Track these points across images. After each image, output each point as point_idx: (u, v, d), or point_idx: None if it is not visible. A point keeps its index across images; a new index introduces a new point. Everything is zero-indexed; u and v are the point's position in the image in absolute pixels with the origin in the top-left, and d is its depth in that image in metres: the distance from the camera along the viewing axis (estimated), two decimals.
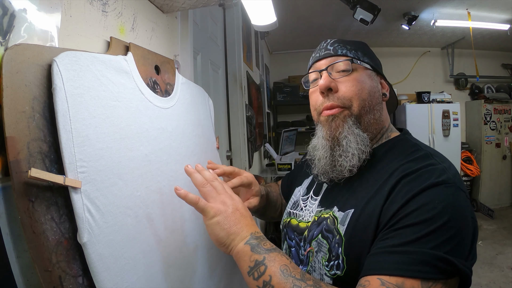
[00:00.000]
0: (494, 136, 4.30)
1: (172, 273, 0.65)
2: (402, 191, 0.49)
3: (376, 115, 0.62)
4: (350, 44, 0.64)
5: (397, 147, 0.61)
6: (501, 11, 3.05)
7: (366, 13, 1.29)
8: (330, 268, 0.53)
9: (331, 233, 0.56)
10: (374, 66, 0.64)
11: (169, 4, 0.88)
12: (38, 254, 0.41)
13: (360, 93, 0.59)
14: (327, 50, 0.63)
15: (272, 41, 4.18)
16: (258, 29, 1.05)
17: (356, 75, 0.60)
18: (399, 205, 0.48)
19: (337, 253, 0.53)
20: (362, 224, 0.52)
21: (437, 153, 0.57)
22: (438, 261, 0.42)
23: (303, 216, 0.67)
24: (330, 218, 0.58)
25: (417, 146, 0.60)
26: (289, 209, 0.73)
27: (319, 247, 0.57)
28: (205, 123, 0.96)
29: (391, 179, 0.53)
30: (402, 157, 0.57)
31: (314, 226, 0.61)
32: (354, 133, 0.59)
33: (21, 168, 0.41)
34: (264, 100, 3.37)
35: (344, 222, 0.54)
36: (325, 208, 0.62)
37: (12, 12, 0.43)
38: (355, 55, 0.62)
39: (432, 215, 0.44)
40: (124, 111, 0.60)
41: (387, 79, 0.68)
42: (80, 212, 0.46)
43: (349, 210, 0.55)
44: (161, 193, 0.67)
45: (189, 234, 0.74)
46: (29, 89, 0.44)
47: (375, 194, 0.53)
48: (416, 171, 0.51)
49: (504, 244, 3.15)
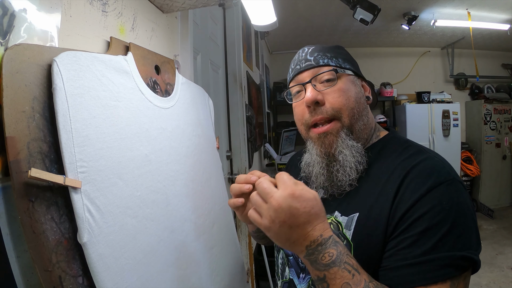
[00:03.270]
0: (494, 136, 4.29)
1: (172, 273, 0.65)
2: (408, 190, 0.49)
3: (365, 120, 0.61)
4: (329, 52, 0.62)
5: (390, 145, 0.61)
6: (501, 11, 3.05)
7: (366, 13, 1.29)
8: None
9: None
10: (355, 71, 0.63)
11: (169, 4, 0.88)
12: (38, 254, 0.41)
13: (348, 103, 0.58)
14: (308, 61, 0.61)
15: (272, 41, 4.18)
16: (258, 29, 1.05)
17: (341, 84, 0.59)
18: (408, 206, 0.48)
19: None
20: (370, 227, 0.51)
21: (427, 148, 0.58)
22: (457, 260, 0.44)
23: None
24: (333, 223, 0.56)
25: (408, 142, 0.61)
26: None
27: None
28: (205, 123, 0.96)
29: (393, 178, 0.53)
30: (397, 155, 0.57)
31: None
32: (348, 146, 0.58)
33: (21, 168, 0.41)
34: (264, 100, 3.37)
35: (349, 226, 0.54)
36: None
37: (12, 12, 0.43)
38: (337, 63, 0.60)
39: (443, 217, 0.46)
40: (124, 111, 0.60)
41: (366, 79, 0.66)
42: (80, 212, 0.46)
43: (353, 214, 0.54)
44: (161, 193, 0.67)
45: (189, 234, 0.74)
46: (29, 89, 0.44)
47: (379, 196, 0.53)
48: (417, 166, 0.52)
49: (504, 244, 3.15)
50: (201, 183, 0.85)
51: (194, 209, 0.79)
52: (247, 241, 1.88)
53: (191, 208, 0.78)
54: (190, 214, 0.77)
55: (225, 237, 0.94)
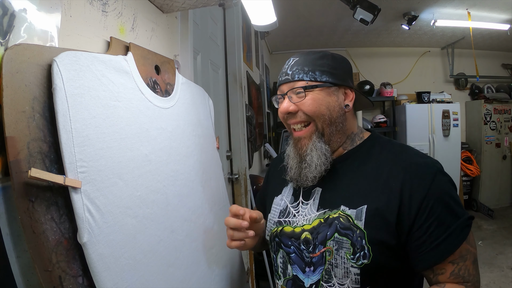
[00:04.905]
0: (494, 136, 4.29)
1: (172, 273, 0.65)
2: (415, 187, 0.60)
3: (339, 127, 0.69)
4: (308, 65, 0.69)
5: (377, 144, 0.71)
6: (501, 11, 3.05)
7: (366, 13, 1.29)
8: (357, 260, 0.60)
9: (349, 229, 0.62)
10: (334, 81, 0.68)
11: (169, 4, 0.88)
12: (38, 254, 0.41)
13: (319, 110, 0.67)
14: (286, 75, 0.70)
15: (272, 41, 4.18)
16: (258, 29, 1.05)
17: (313, 96, 0.67)
18: (420, 199, 0.59)
19: (361, 245, 0.60)
20: (380, 216, 0.60)
21: (406, 145, 0.71)
22: (467, 221, 0.60)
23: (297, 222, 0.70)
24: (342, 217, 0.63)
25: (390, 140, 0.72)
26: (277, 218, 0.75)
27: (338, 244, 0.62)
28: (205, 123, 0.96)
29: (394, 174, 0.63)
30: (387, 152, 0.68)
31: (324, 227, 0.65)
32: (316, 148, 0.68)
33: (21, 168, 0.41)
34: (264, 100, 3.37)
35: (360, 217, 0.62)
36: (329, 209, 0.66)
37: (12, 12, 0.43)
38: (312, 77, 0.68)
39: (448, 199, 0.60)
40: (124, 111, 0.60)
41: (352, 86, 0.72)
42: (80, 212, 0.46)
43: (362, 206, 0.62)
44: (161, 193, 0.67)
45: (189, 234, 0.75)
46: (29, 89, 0.44)
47: (383, 190, 0.62)
48: (413, 165, 0.63)
49: (504, 244, 3.15)
50: (201, 183, 0.85)
51: (194, 209, 0.79)
52: None
53: (191, 208, 0.78)
54: (190, 214, 0.77)
55: (225, 237, 0.94)
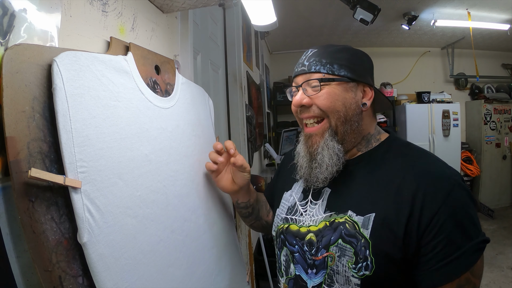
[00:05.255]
0: (494, 136, 4.30)
1: (172, 273, 0.65)
2: (428, 199, 0.55)
3: (354, 126, 0.65)
4: (327, 57, 0.64)
5: (393, 148, 0.66)
6: (501, 11, 3.05)
7: (366, 13, 1.29)
8: (358, 270, 0.57)
9: (354, 237, 0.58)
10: (353, 77, 0.64)
11: (169, 4, 0.88)
12: (38, 254, 0.41)
13: (333, 106, 0.63)
14: (303, 66, 0.66)
15: (272, 41, 4.18)
16: (258, 29, 1.05)
17: (329, 90, 0.63)
18: (432, 213, 0.54)
19: (364, 255, 0.56)
20: (388, 227, 0.56)
21: (426, 150, 0.66)
22: (480, 244, 0.54)
23: (304, 221, 0.68)
24: (348, 222, 0.60)
25: (410, 145, 0.67)
26: (284, 215, 0.73)
27: (341, 251, 0.59)
28: (205, 123, 0.96)
29: (407, 184, 0.57)
30: (403, 159, 0.62)
31: (328, 231, 0.62)
32: (328, 147, 0.63)
33: (21, 168, 0.41)
34: (264, 100, 3.37)
35: (366, 226, 0.57)
36: (336, 213, 0.63)
37: (12, 12, 0.43)
38: (329, 70, 0.63)
39: (461, 217, 0.54)
40: (124, 111, 0.60)
41: (372, 84, 0.68)
42: (80, 212, 0.46)
43: (370, 214, 0.58)
44: (161, 193, 0.67)
45: (189, 234, 0.74)
46: (29, 89, 0.44)
47: (394, 199, 0.57)
48: (429, 174, 0.57)
49: (504, 244, 3.15)
50: (201, 183, 0.85)
51: (194, 209, 0.79)
52: (247, 241, 1.88)
53: (191, 208, 0.78)
54: (190, 214, 0.77)
55: (225, 237, 0.94)
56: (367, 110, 0.67)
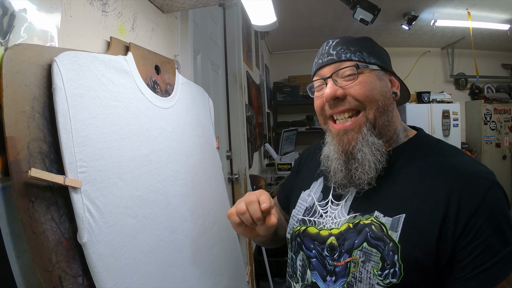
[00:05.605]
0: (494, 136, 4.29)
1: (172, 273, 0.65)
2: (465, 199, 0.50)
3: (389, 117, 0.60)
4: (354, 45, 0.60)
5: (424, 145, 0.61)
6: (501, 11, 3.05)
7: (366, 13, 1.29)
8: (384, 277, 0.51)
9: (381, 240, 0.52)
10: (382, 65, 0.60)
11: (169, 4, 0.88)
12: (38, 254, 0.41)
13: (372, 94, 0.57)
14: (330, 56, 0.60)
15: (272, 41, 4.18)
16: (258, 29, 1.05)
17: (363, 78, 0.57)
18: (469, 214, 0.49)
19: (392, 261, 0.51)
20: (420, 229, 0.51)
21: (458, 148, 0.60)
22: None
23: (324, 223, 0.61)
24: (374, 224, 0.54)
25: (441, 142, 0.61)
26: (301, 216, 0.67)
27: (366, 256, 0.53)
28: (205, 123, 0.96)
29: (441, 182, 0.52)
30: (436, 156, 0.57)
31: (352, 234, 0.56)
32: (368, 143, 0.57)
33: (21, 168, 0.41)
34: (264, 100, 3.37)
35: (395, 228, 0.52)
36: (361, 214, 0.57)
37: (12, 12, 0.43)
38: (361, 58, 0.58)
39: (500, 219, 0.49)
40: (124, 111, 0.60)
41: (396, 74, 0.64)
42: (80, 212, 0.46)
43: (399, 215, 0.53)
44: (161, 193, 0.67)
45: (189, 234, 0.74)
46: (29, 89, 0.44)
47: (426, 198, 0.52)
48: (466, 173, 0.53)
49: None
50: (201, 183, 0.85)
51: (194, 209, 0.79)
52: (247, 241, 1.88)
53: (191, 208, 0.78)
54: (190, 214, 0.77)
55: (225, 237, 0.94)
56: (396, 99, 0.62)
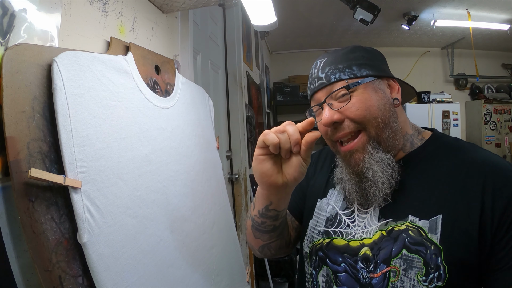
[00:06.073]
0: (494, 136, 4.30)
1: (172, 273, 0.65)
2: (497, 191, 0.50)
3: (394, 127, 0.58)
4: (342, 62, 0.59)
5: (445, 144, 0.60)
6: (501, 11, 3.05)
7: (366, 13, 1.29)
8: (430, 282, 0.50)
9: (422, 245, 0.52)
10: (376, 74, 0.59)
11: (169, 4, 0.88)
12: (38, 254, 0.41)
13: (370, 113, 0.56)
14: (320, 80, 0.59)
15: (272, 41, 4.18)
16: (258, 29, 1.05)
17: (358, 96, 0.56)
18: (503, 205, 0.49)
19: (436, 264, 0.50)
20: (460, 228, 0.50)
21: (475, 144, 0.61)
22: None
23: (354, 234, 0.59)
24: (412, 229, 0.53)
25: (458, 140, 0.61)
26: (323, 228, 0.63)
27: (408, 264, 0.52)
28: (205, 123, 0.96)
29: (472, 176, 0.52)
30: (458, 152, 0.57)
31: (387, 242, 0.54)
32: (377, 160, 0.56)
33: (21, 168, 0.41)
34: (264, 100, 3.37)
35: (434, 230, 0.51)
36: (394, 219, 0.56)
37: (12, 12, 0.43)
38: (351, 74, 0.57)
39: None
40: (124, 111, 0.60)
41: (393, 77, 0.62)
42: (80, 212, 0.46)
43: (436, 216, 0.52)
44: (161, 193, 0.67)
45: (189, 234, 0.74)
46: (29, 89, 0.44)
47: (461, 195, 0.52)
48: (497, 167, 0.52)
49: None
50: (201, 183, 0.85)
51: (194, 209, 0.79)
52: (247, 241, 1.88)
53: (191, 208, 0.78)
54: (190, 214, 0.77)
55: (225, 237, 0.94)
56: (399, 106, 0.61)
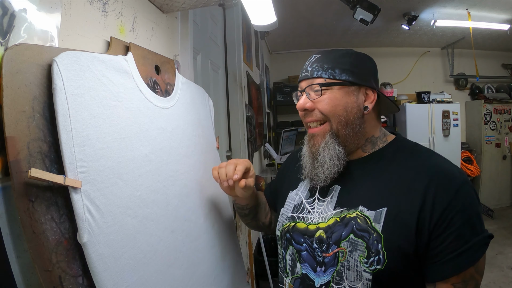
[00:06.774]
0: (494, 136, 4.30)
1: (172, 273, 0.65)
2: (439, 194, 0.57)
3: (356, 129, 0.67)
4: (329, 63, 0.67)
5: (403, 147, 0.69)
6: (501, 11, 3.05)
7: (366, 13, 1.29)
8: (370, 264, 0.58)
9: (366, 231, 0.60)
10: (354, 81, 0.66)
11: (169, 4, 0.88)
12: (38, 254, 0.41)
13: (334, 110, 0.66)
14: (306, 72, 0.70)
15: (272, 41, 4.18)
16: (258, 29, 1.05)
17: (330, 95, 0.66)
18: (443, 207, 0.56)
19: (376, 249, 0.58)
20: (400, 221, 0.58)
21: (433, 151, 0.68)
22: (486, 239, 0.57)
23: (312, 219, 0.69)
24: (360, 217, 0.61)
25: (417, 145, 0.69)
26: (290, 213, 0.74)
27: (353, 246, 0.60)
28: (205, 123, 0.96)
29: (420, 178, 0.60)
30: (415, 156, 0.65)
31: (339, 227, 0.63)
32: (329, 148, 0.67)
33: (21, 168, 0.41)
34: (264, 100, 3.37)
35: (378, 220, 0.59)
36: (347, 208, 0.65)
37: (12, 12, 0.43)
38: (331, 75, 0.66)
39: (470, 213, 0.57)
40: (124, 111, 0.60)
41: (375, 87, 0.69)
42: (80, 212, 0.46)
43: (381, 208, 0.60)
44: (161, 193, 0.67)
45: (189, 234, 0.74)
46: (29, 89, 0.44)
47: (406, 192, 0.60)
48: (441, 172, 0.60)
49: (504, 244, 3.15)
50: (201, 183, 0.85)
51: (194, 209, 0.79)
52: (247, 241, 1.88)
53: (191, 208, 0.78)
54: (190, 214, 0.77)
55: (225, 237, 0.94)
56: (370, 113, 0.69)
